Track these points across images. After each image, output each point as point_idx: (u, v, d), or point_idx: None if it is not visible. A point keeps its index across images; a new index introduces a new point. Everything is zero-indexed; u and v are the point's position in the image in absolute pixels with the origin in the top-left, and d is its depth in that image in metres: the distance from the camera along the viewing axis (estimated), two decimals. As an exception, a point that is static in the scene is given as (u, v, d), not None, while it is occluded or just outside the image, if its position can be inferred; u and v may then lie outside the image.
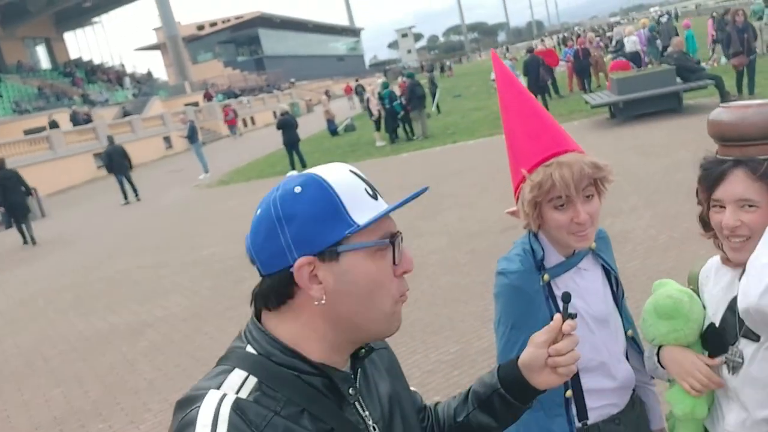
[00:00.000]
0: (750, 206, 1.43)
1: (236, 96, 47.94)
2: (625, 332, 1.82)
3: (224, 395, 0.97)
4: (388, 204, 1.07)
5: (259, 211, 1.05)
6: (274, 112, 42.05)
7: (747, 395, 1.51)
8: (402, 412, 1.20)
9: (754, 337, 1.50)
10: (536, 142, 1.67)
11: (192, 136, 20.45)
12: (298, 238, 1.00)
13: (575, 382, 1.70)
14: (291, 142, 17.21)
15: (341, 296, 1.02)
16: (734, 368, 1.53)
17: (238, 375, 1.01)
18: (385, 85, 20.17)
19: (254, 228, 1.05)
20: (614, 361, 1.75)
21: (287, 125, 17.17)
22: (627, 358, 1.81)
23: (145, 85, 52.12)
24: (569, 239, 1.66)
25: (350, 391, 1.08)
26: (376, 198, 1.07)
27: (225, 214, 13.26)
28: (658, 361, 1.67)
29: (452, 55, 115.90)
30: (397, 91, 18.97)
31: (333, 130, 25.66)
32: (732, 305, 1.55)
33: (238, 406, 0.95)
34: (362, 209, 1.02)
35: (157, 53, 71.30)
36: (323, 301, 1.01)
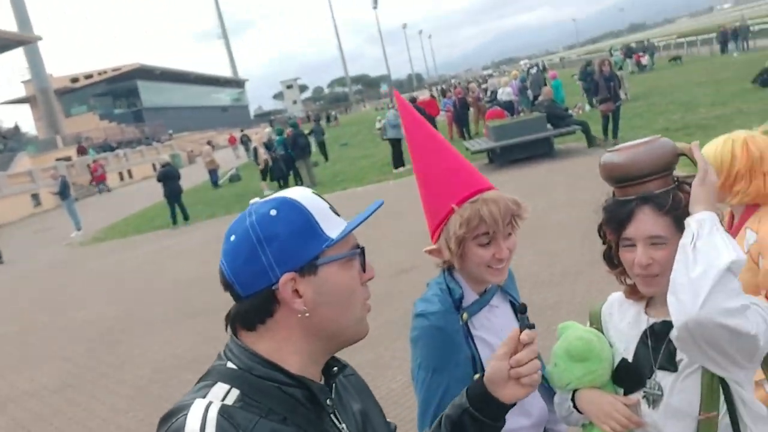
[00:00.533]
0: (659, 243, 1.46)
1: (112, 149, 45.92)
2: None
3: (210, 402, 1.00)
4: (346, 221, 1.15)
5: (233, 238, 1.08)
6: (154, 165, 40.63)
7: (670, 427, 1.50)
8: (375, 429, 1.23)
9: (671, 368, 1.50)
10: (458, 179, 1.69)
11: (63, 191, 19.25)
12: (279, 256, 1.05)
13: None
14: (173, 194, 16.57)
15: (320, 306, 1.07)
16: (654, 402, 1.52)
17: (220, 388, 1.04)
18: (279, 132, 20.12)
19: (231, 253, 1.08)
20: (529, 397, 1.71)
21: (169, 177, 16.54)
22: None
23: (12, 140, 48.75)
24: (487, 275, 1.69)
25: (328, 402, 1.12)
26: (338, 215, 1.15)
27: (101, 273, 12.43)
28: (574, 406, 1.63)
29: (337, 106, 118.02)
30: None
31: (215, 181, 25.04)
32: (644, 339, 1.56)
33: (225, 411, 0.98)
34: (331, 225, 1.10)
35: (26, 106, 67.53)
36: (306, 314, 1.06)
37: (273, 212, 1.07)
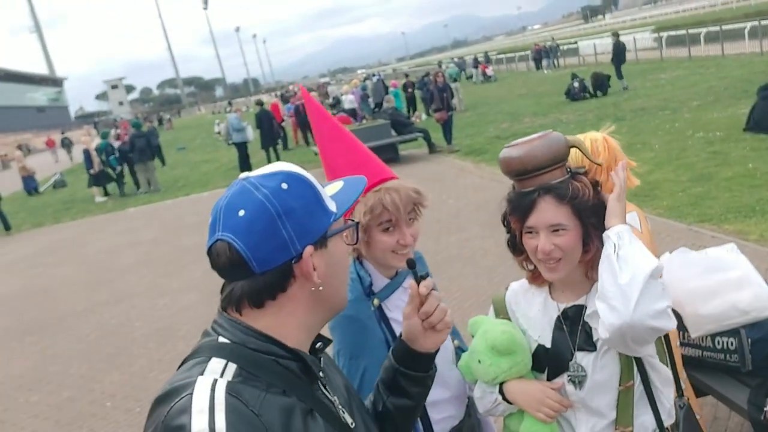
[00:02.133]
0: (561, 230, 1.55)
1: None
2: (452, 342, 1.93)
3: (215, 380, 0.96)
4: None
5: (242, 213, 1.03)
6: (-40, 169, 36.12)
7: (598, 401, 1.61)
8: (357, 401, 1.27)
9: (591, 348, 1.61)
10: (363, 170, 1.73)
11: None
12: (299, 230, 1.04)
13: None
14: (-11, 201, 14.88)
15: (329, 278, 1.09)
16: (580, 382, 1.61)
17: (217, 362, 1.01)
18: (104, 135, 18.79)
19: (244, 228, 1.03)
20: (445, 369, 1.82)
21: (-16, 182, 14.84)
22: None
23: None
24: (393, 260, 1.77)
25: (320, 374, 1.13)
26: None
27: None
28: (504, 398, 1.68)
29: (169, 109, 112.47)
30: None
31: (32, 188, 22.83)
32: (558, 324, 1.66)
33: (232, 388, 0.95)
34: (328, 199, 1.12)
35: None
36: (321, 288, 1.07)
37: (284, 185, 1.05)
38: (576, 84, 19.27)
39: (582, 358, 1.62)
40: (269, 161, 16.60)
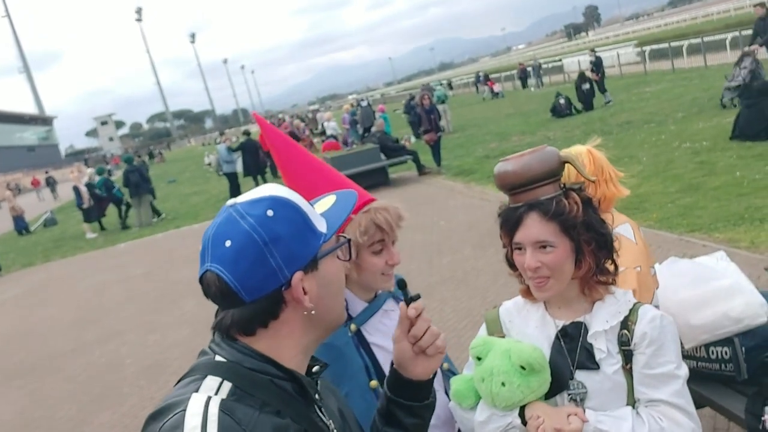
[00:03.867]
0: (547, 247, 1.53)
1: None
2: (441, 366, 1.85)
3: (209, 397, 0.96)
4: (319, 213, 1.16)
5: (229, 243, 1.02)
6: (-50, 212, 35.90)
7: (605, 409, 1.56)
8: (353, 428, 1.24)
9: (593, 366, 1.57)
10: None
11: None
12: (286, 257, 1.03)
13: None
14: (-21, 243, 14.76)
15: (323, 300, 1.08)
16: (581, 399, 1.57)
17: (212, 380, 1.00)
18: (100, 171, 18.74)
19: (231, 258, 1.02)
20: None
21: (-28, 224, 14.74)
22: (446, 392, 1.84)
23: None
24: (381, 282, 1.73)
25: (317, 396, 1.11)
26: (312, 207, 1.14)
27: None
28: (523, 422, 1.58)
29: (159, 142, 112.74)
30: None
31: (23, 228, 22.70)
32: (557, 343, 1.61)
33: (225, 406, 0.95)
34: (317, 219, 1.10)
35: None
36: (313, 311, 1.06)
37: (270, 212, 1.04)
38: (561, 101, 19.40)
39: (583, 376, 1.58)
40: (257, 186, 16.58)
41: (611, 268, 1.62)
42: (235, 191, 16.87)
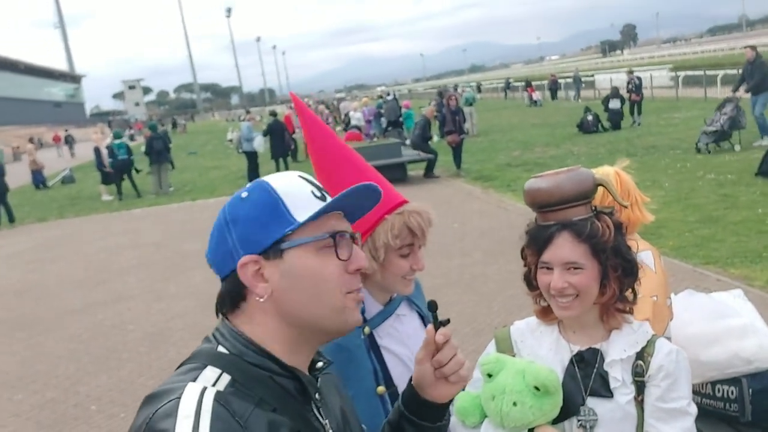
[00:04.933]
0: (576, 268, 1.50)
1: None
2: None
3: (205, 387, 0.96)
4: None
5: (215, 221, 1.09)
6: (-28, 159, 36.27)
7: None
8: (354, 429, 1.21)
9: (607, 395, 1.54)
10: (383, 189, 1.68)
11: None
12: (242, 238, 1.04)
13: None
14: (-3, 192, 14.92)
15: (287, 292, 1.04)
16: (590, 427, 1.55)
17: (211, 371, 1.00)
18: (117, 135, 18.80)
19: (211, 235, 1.09)
20: None
21: (-8, 174, 14.89)
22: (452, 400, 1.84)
23: None
24: (401, 285, 1.70)
25: (316, 395, 1.10)
26: (324, 199, 1.10)
27: None
28: None
29: (184, 113, 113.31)
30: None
31: (40, 182, 22.91)
32: (570, 368, 1.59)
33: (221, 397, 0.94)
34: (307, 209, 1.05)
35: None
36: (263, 298, 1.04)
37: (244, 194, 1.07)
38: (590, 117, 19.25)
39: (594, 403, 1.55)
40: (278, 169, 16.62)
41: (630, 296, 1.61)
42: (254, 170, 16.92)
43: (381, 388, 1.69)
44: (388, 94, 30.46)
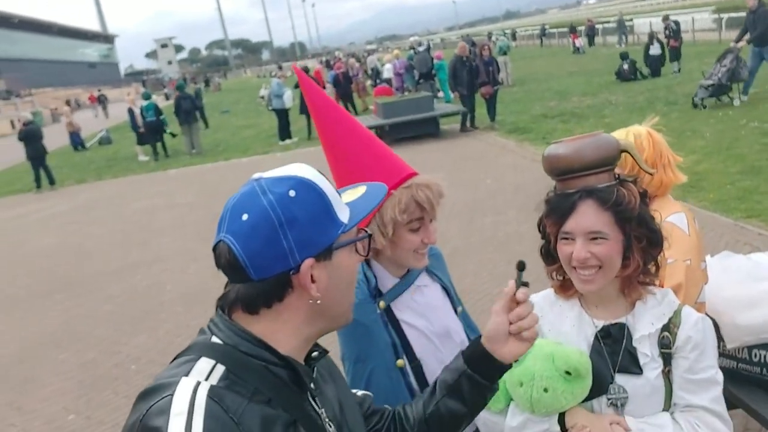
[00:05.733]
0: (599, 238, 1.45)
1: (-39, 102, 41.48)
2: None
3: (198, 382, 0.95)
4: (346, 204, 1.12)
5: (245, 217, 1.00)
6: (12, 122, 37.10)
7: (643, 414, 1.52)
8: (349, 415, 1.22)
9: (636, 371, 1.50)
10: (385, 163, 1.65)
11: None
12: (300, 241, 1.01)
13: None
14: (37, 155, 15.21)
15: (331, 292, 1.05)
16: (621, 405, 1.51)
17: (205, 362, 0.99)
18: (146, 96, 18.89)
19: (245, 233, 1.00)
20: None
21: (32, 136, 15.15)
22: None
23: None
24: (413, 260, 1.68)
25: (312, 385, 1.10)
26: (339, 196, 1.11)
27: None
28: (562, 429, 1.54)
29: (216, 70, 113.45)
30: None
31: (78, 144, 23.30)
32: (596, 344, 1.54)
33: (214, 393, 0.94)
34: (340, 208, 1.07)
35: None
36: (319, 301, 1.04)
37: (292, 193, 1.01)
38: (626, 66, 18.59)
39: (624, 380, 1.51)
40: (309, 126, 16.58)
41: (653, 269, 1.55)
42: (284, 128, 16.88)
43: (401, 361, 1.69)
44: (420, 44, 29.89)
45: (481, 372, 1.25)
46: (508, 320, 1.21)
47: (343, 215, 1.07)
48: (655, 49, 18.63)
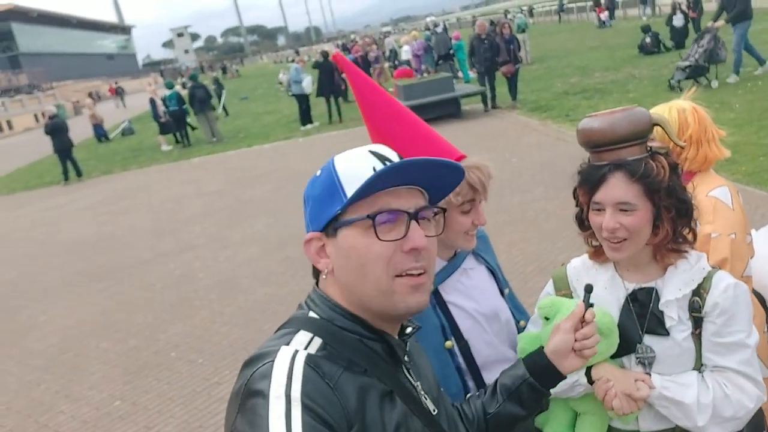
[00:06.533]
0: (628, 209, 1.50)
1: (-14, 97, 42.10)
2: (518, 323, 1.85)
3: (296, 351, 1.02)
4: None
5: None
6: (36, 116, 37.61)
7: (672, 374, 1.57)
8: (442, 392, 1.28)
9: (663, 332, 1.56)
10: (437, 147, 1.66)
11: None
12: (311, 216, 1.13)
13: (478, 381, 1.70)
14: (63, 148, 15.43)
15: (340, 270, 1.10)
16: (649, 363, 1.58)
17: (304, 335, 1.07)
18: (170, 85, 19.00)
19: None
20: (512, 354, 1.76)
21: (58, 130, 15.36)
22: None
23: None
24: (464, 241, 1.71)
25: (405, 357, 1.15)
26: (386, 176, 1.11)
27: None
28: (589, 381, 1.60)
29: (232, 57, 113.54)
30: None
31: (102, 135, 23.56)
32: (626, 305, 1.61)
33: (311, 360, 1.00)
34: (351, 186, 1.07)
35: None
36: (325, 274, 1.12)
37: (318, 173, 1.13)
38: (648, 40, 18.26)
39: (651, 341, 1.58)
40: (329, 110, 16.57)
41: (689, 236, 1.59)
42: (305, 113, 16.89)
43: (449, 343, 1.71)
44: (437, 26, 29.61)
45: (541, 381, 1.35)
46: (575, 338, 1.33)
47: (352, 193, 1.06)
48: (678, 20, 18.25)
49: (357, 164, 1.09)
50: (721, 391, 1.51)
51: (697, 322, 1.54)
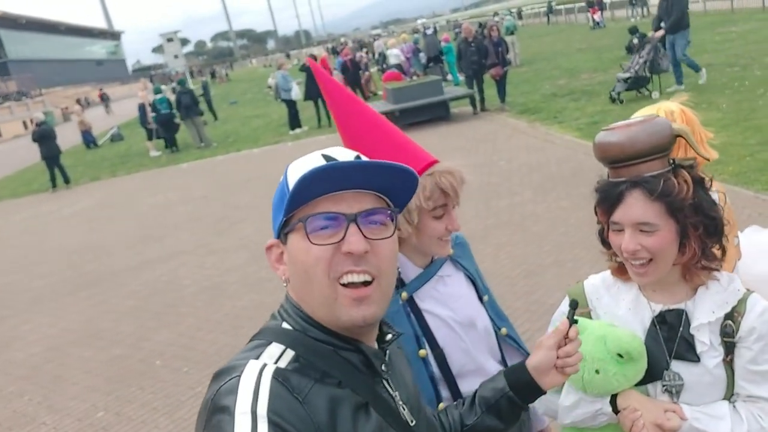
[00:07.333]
0: (648, 230, 1.40)
1: (-27, 104, 41.79)
2: (498, 330, 1.80)
3: (265, 365, 0.99)
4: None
5: None
6: (25, 123, 37.36)
7: (701, 404, 1.49)
8: (422, 401, 1.25)
9: (693, 359, 1.46)
10: (408, 152, 1.64)
11: None
12: (273, 223, 1.11)
13: (454, 390, 1.66)
14: (51, 155, 15.28)
15: (292, 277, 1.08)
16: (676, 392, 1.48)
17: (276, 347, 1.04)
18: (157, 90, 18.91)
19: None
20: (489, 363, 1.73)
21: (45, 137, 15.23)
22: (503, 357, 1.80)
23: None
24: (436, 247, 1.68)
25: (383, 367, 1.11)
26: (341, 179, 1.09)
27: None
28: (614, 410, 1.52)
29: (222, 61, 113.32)
30: None
31: (90, 142, 23.42)
32: (653, 329, 1.50)
33: (279, 374, 0.98)
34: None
35: None
36: (284, 282, 1.11)
37: (282, 179, 1.12)
38: (635, 40, 18.30)
39: (679, 367, 1.47)
40: (318, 113, 16.53)
41: (718, 253, 1.47)
42: (294, 118, 16.85)
43: (423, 352, 1.67)
44: (427, 28, 29.63)
45: (521, 395, 1.34)
46: (557, 355, 1.31)
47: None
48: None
49: (303, 168, 1.04)
50: (756, 423, 1.41)
51: (729, 348, 1.43)
